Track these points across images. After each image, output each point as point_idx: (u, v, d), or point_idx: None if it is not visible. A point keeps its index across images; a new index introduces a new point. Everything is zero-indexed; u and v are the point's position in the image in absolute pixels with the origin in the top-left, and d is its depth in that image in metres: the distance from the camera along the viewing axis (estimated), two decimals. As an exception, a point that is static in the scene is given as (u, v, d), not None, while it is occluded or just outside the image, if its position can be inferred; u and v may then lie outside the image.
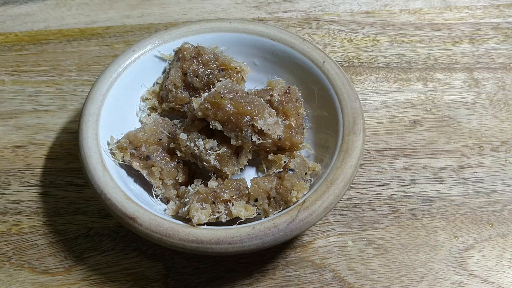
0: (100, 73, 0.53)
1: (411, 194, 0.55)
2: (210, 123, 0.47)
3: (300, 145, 0.51)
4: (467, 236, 0.52)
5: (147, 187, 0.51)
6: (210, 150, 0.48)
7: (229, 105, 0.46)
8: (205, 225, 0.44)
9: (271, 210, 0.46)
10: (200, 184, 0.48)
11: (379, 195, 0.55)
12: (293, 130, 0.50)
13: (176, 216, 0.47)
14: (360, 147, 0.47)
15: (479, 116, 0.62)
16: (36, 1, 0.76)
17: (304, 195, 0.45)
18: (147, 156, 0.49)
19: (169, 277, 0.49)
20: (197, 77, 0.53)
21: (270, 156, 0.51)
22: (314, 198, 0.44)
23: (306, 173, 0.48)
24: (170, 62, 0.57)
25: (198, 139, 0.48)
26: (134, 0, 0.77)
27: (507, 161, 0.58)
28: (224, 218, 0.45)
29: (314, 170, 0.49)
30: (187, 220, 0.44)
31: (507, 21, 0.73)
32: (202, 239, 0.42)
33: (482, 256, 0.51)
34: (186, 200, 0.46)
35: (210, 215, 0.45)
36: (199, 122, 0.49)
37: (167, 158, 0.50)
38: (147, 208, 0.44)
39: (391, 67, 0.67)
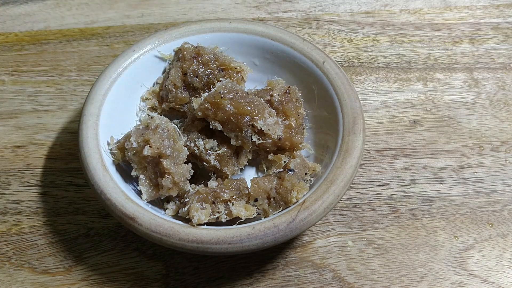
0: (100, 73, 0.53)
1: (411, 194, 0.55)
2: (210, 123, 0.47)
3: (300, 145, 0.51)
4: (467, 236, 0.52)
5: (147, 187, 0.51)
6: (210, 150, 0.48)
7: (229, 105, 0.46)
8: (205, 225, 0.44)
9: (271, 210, 0.46)
10: (200, 184, 0.48)
11: (379, 195, 0.55)
12: (293, 130, 0.50)
13: (176, 216, 0.47)
14: (360, 147, 0.47)
15: (479, 116, 0.62)
16: (36, 1, 0.76)
17: (304, 195, 0.45)
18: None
19: (169, 277, 0.49)
20: (197, 77, 0.53)
21: (270, 156, 0.51)
22: (314, 198, 0.44)
23: (306, 173, 0.48)
24: (170, 62, 0.57)
25: (198, 139, 0.49)
26: (134, 0, 0.76)
27: (507, 161, 0.58)
28: (224, 218, 0.45)
29: (314, 170, 0.49)
30: (187, 220, 0.44)
31: (507, 21, 0.73)
32: (202, 239, 0.42)
33: (482, 256, 0.51)
34: (186, 200, 0.46)
35: (210, 215, 0.45)
36: (199, 122, 0.49)
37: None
38: (147, 208, 0.44)
39: (391, 67, 0.67)
